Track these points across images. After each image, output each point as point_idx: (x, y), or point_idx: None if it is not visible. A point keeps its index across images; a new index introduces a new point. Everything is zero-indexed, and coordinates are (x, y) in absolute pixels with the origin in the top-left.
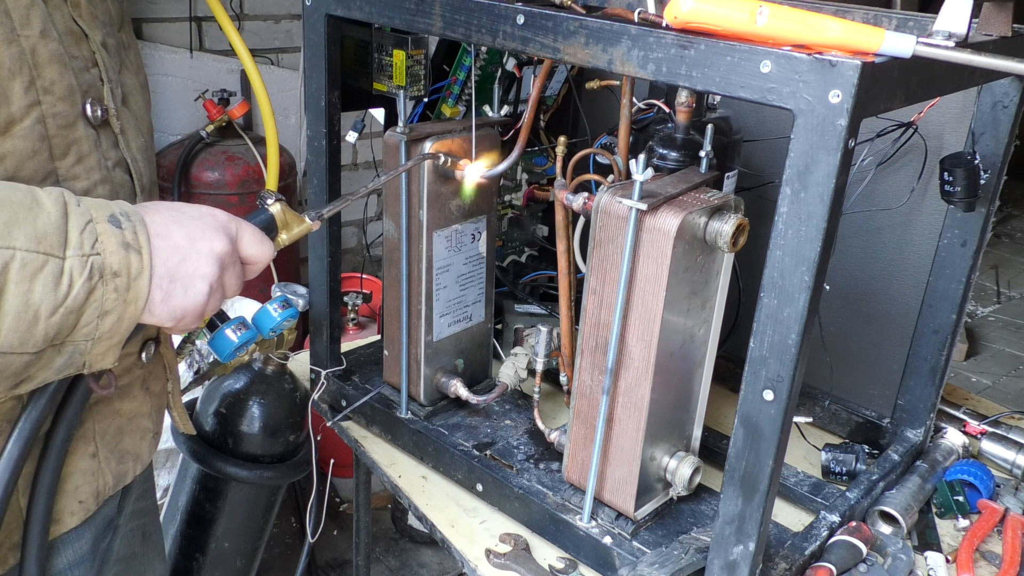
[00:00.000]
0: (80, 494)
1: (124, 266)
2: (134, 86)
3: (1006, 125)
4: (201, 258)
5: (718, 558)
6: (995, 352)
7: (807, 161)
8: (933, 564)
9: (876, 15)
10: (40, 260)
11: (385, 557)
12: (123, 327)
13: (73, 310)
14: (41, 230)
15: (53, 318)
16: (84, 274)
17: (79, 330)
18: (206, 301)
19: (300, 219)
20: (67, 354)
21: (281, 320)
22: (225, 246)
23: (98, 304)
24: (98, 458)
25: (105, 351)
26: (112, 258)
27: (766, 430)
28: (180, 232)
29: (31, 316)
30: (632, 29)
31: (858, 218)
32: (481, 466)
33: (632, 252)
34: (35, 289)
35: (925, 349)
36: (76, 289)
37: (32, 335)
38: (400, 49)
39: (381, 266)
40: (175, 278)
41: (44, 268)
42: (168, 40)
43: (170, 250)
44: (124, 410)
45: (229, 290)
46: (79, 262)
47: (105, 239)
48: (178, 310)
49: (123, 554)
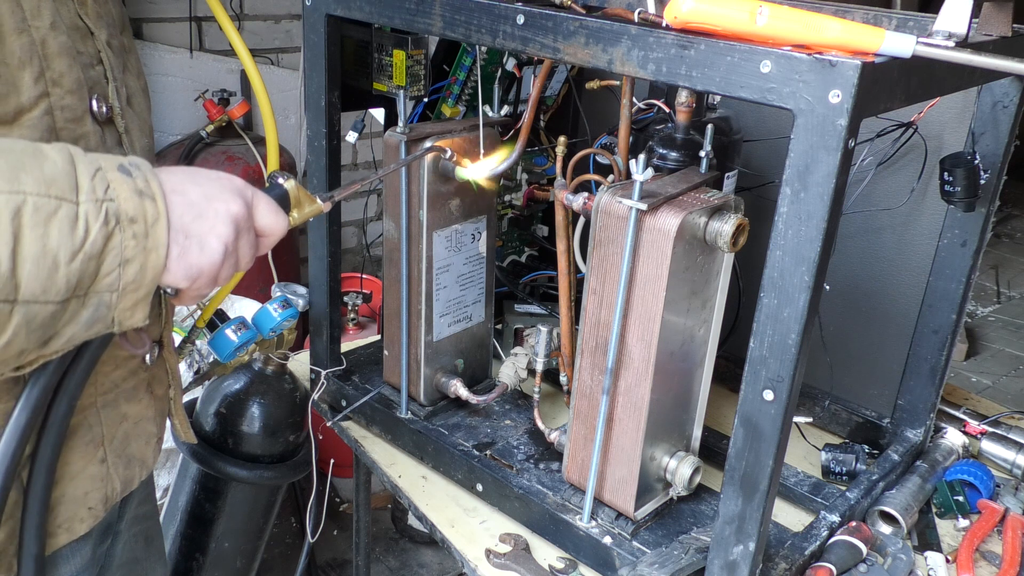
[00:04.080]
0: (90, 500)
1: (140, 212)
2: (136, 88)
3: (1006, 125)
4: (218, 217)
5: (718, 558)
6: (995, 352)
7: (807, 161)
8: (933, 564)
9: (876, 15)
10: (53, 204)
11: (385, 557)
12: (147, 278)
13: (92, 256)
14: (49, 175)
15: (73, 264)
16: (100, 219)
17: (101, 279)
18: (221, 262)
19: (312, 199)
20: (93, 306)
21: (281, 320)
22: (241, 209)
23: (117, 251)
24: (107, 463)
25: (133, 305)
26: (126, 204)
27: (766, 430)
28: (196, 191)
29: (50, 262)
30: (632, 29)
31: (858, 218)
32: (481, 466)
33: (632, 252)
34: (51, 234)
35: (925, 349)
36: (93, 234)
37: (54, 282)
38: (400, 49)
39: (381, 266)
40: (190, 234)
41: (58, 212)
42: (168, 40)
43: (186, 206)
44: (130, 414)
45: (243, 259)
46: (93, 207)
47: (117, 186)
48: (194, 268)
49: (126, 559)
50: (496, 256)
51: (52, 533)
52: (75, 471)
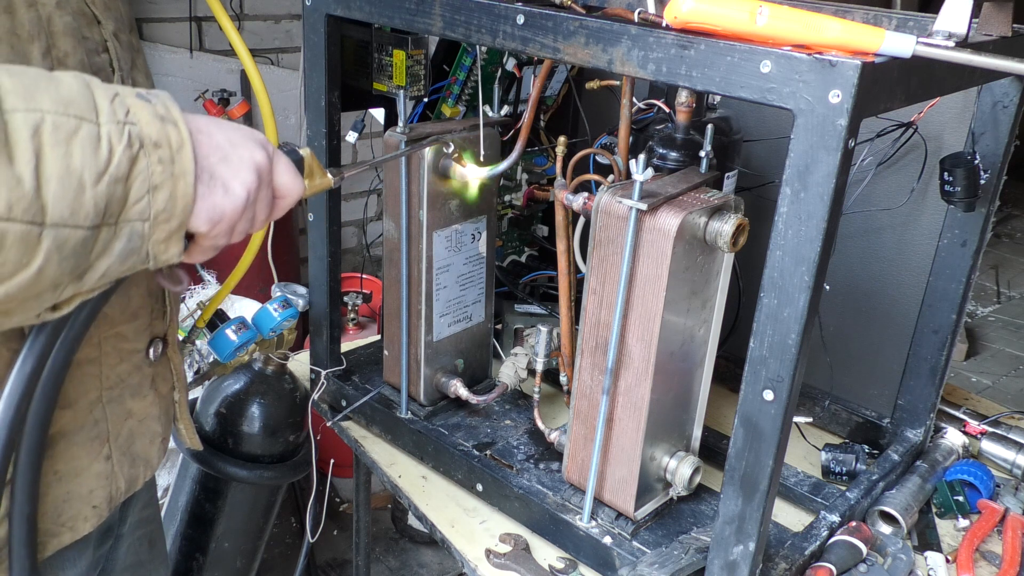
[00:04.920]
0: (94, 498)
1: (163, 137)
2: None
3: (1006, 125)
4: (242, 163)
5: (718, 558)
6: (995, 352)
7: (807, 161)
8: (933, 564)
9: (876, 15)
10: (73, 123)
11: (385, 557)
12: (178, 207)
13: (119, 179)
14: (66, 96)
15: (99, 187)
16: (123, 140)
17: (131, 207)
18: (242, 210)
19: (323, 172)
20: (125, 237)
21: (281, 320)
22: (264, 160)
23: (144, 176)
24: (112, 460)
25: (167, 238)
26: (149, 128)
27: (766, 430)
28: (221, 135)
29: (75, 183)
30: (632, 29)
31: (858, 218)
32: (481, 466)
33: (632, 252)
34: (73, 153)
35: (925, 349)
36: (118, 156)
37: (81, 204)
38: (400, 49)
39: (381, 266)
40: (215, 176)
41: (79, 131)
42: (168, 40)
43: (211, 147)
44: (136, 410)
45: (259, 215)
46: (115, 128)
47: (137, 111)
48: (216, 211)
49: (129, 563)
50: (496, 256)
51: (55, 532)
52: (80, 468)
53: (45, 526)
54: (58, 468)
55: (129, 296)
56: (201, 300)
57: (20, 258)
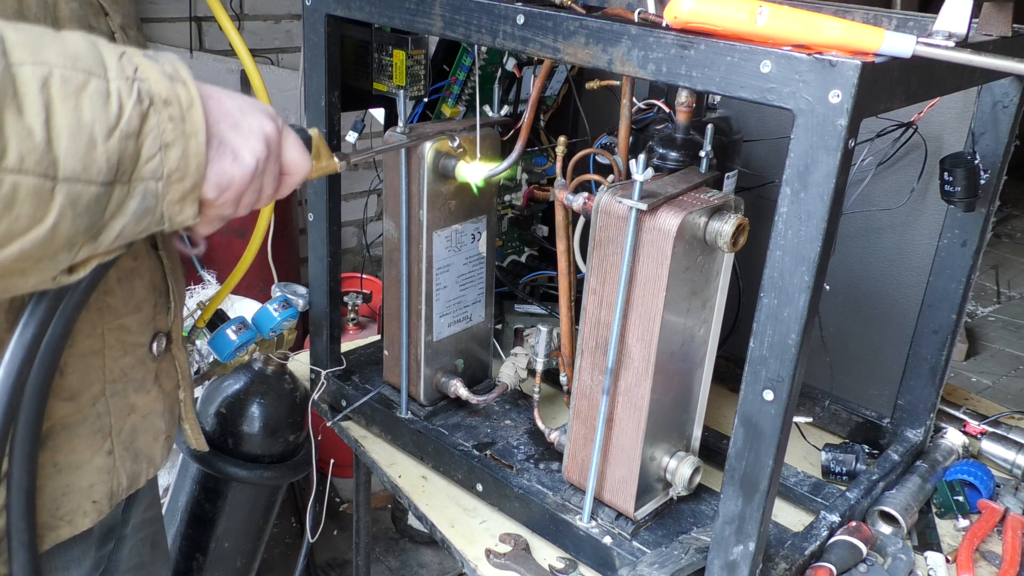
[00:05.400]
0: (94, 493)
1: (173, 95)
2: None
3: (1006, 125)
4: (252, 131)
5: (718, 558)
6: (995, 352)
7: (807, 161)
8: (933, 564)
9: (876, 15)
10: (81, 77)
11: (385, 557)
12: (191, 167)
13: (130, 135)
14: (73, 51)
15: (111, 142)
16: (132, 96)
17: (143, 164)
18: (250, 179)
19: (330, 155)
20: (139, 196)
21: (281, 320)
22: (273, 131)
23: (156, 133)
24: (114, 455)
25: (181, 198)
26: (158, 86)
27: (766, 430)
28: (231, 102)
29: (87, 137)
30: (632, 29)
31: (858, 218)
32: (481, 466)
33: (632, 252)
34: (83, 106)
35: (925, 349)
36: (128, 111)
37: (93, 160)
38: (400, 49)
39: (381, 266)
40: (224, 142)
41: (88, 85)
42: (168, 40)
43: (221, 112)
44: (139, 405)
45: (265, 189)
46: (124, 84)
47: (145, 69)
48: (225, 177)
49: (132, 564)
50: (496, 256)
51: (53, 526)
52: (81, 461)
53: (43, 519)
54: (58, 460)
55: (133, 287)
56: (201, 300)
57: (34, 212)
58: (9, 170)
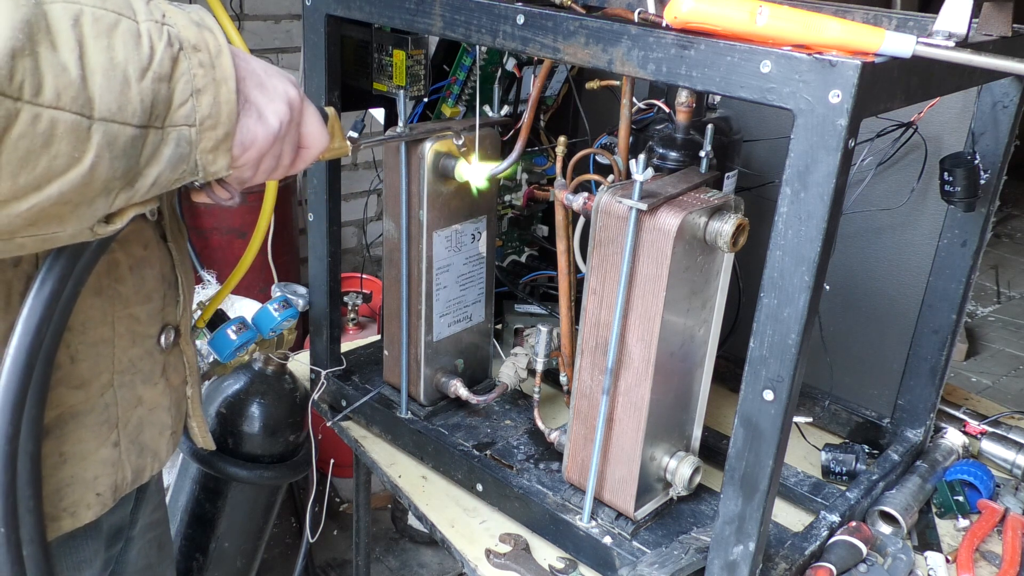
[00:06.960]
0: (99, 485)
1: (201, 41)
2: None
3: (1006, 125)
4: (276, 93)
5: (718, 558)
6: (995, 352)
7: (807, 161)
8: (933, 564)
9: (876, 15)
10: (112, 17)
11: (385, 557)
12: (223, 114)
13: (162, 77)
14: None
15: (144, 82)
16: (163, 39)
17: (176, 109)
18: (272, 141)
19: (342, 137)
20: (173, 142)
21: (281, 320)
22: (297, 98)
23: (188, 78)
24: (119, 448)
25: (214, 147)
26: (186, 32)
27: (766, 430)
28: (257, 63)
29: (120, 76)
30: (632, 29)
31: (858, 218)
32: (481, 466)
33: (632, 252)
34: (115, 45)
35: (925, 349)
36: (159, 53)
37: (128, 100)
38: (400, 49)
39: (381, 266)
40: (249, 100)
41: (119, 25)
42: None
43: (247, 71)
44: (146, 398)
45: (283, 159)
46: (154, 27)
47: (173, 15)
48: (248, 135)
49: (140, 565)
50: (496, 256)
51: (56, 516)
52: (87, 451)
53: (46, 509)
54: (64, 449)
55: (143, 276)
56: (201, 300)
57: (72, 151)
58: (47, 105)
